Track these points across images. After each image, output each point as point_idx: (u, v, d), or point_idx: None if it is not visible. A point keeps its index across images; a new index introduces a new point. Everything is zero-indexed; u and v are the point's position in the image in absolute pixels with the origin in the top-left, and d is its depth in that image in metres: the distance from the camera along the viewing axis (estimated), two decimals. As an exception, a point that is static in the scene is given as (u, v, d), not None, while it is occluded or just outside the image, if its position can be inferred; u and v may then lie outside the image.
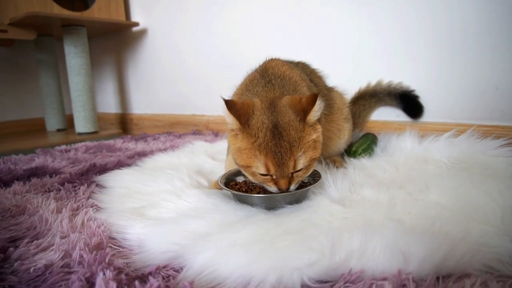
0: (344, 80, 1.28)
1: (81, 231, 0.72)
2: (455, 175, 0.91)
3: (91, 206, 0.87)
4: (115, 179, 1.05)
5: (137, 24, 2.27)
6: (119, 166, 1.25)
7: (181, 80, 2.17)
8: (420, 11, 1.30)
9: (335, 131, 1.10)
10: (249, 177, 0.79)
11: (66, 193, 0.98)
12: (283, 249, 0.57)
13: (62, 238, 0.69)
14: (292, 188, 0.75)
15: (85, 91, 2.07)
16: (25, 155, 1.57)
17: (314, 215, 0.72)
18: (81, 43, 2.03)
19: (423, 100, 1.34)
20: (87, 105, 2.09)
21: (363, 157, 1.11)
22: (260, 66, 0.97)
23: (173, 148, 1.55)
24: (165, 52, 2.21)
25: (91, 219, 0.78)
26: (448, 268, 0.52)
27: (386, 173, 0.96)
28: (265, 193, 0.77)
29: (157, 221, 0.74)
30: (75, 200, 0.91)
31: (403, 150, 1.14)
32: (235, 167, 0.87)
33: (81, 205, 0.88)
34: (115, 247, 0.68)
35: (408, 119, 1.40)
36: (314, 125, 0.77)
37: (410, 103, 1.36)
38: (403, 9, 1.33)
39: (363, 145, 1.16)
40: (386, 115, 1.45)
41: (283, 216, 0.72)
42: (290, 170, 0.73)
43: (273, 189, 0.75)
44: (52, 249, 0.65)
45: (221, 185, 0.83)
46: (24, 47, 2.52)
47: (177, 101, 2.23)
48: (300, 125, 0.74)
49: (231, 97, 0.94)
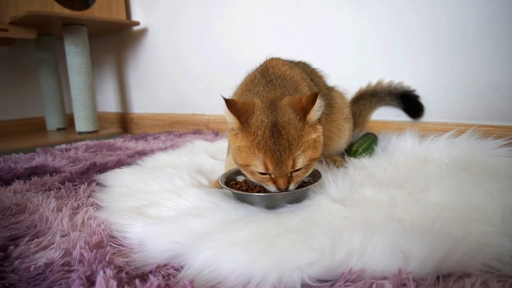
0: (344, 80, 1.28)
1: (81, 229, 0.72)
2: (456, 175, 0.91)
3: (91, 205, 0.87)
4: (116, 178, 1.06)
5: (137, 24, 2.27)
6: (119, 165, 1.25)
7: (181, 79, 2.17)
8: (420, 11, 1.30)
9: (336, 130, 1.09)
10: (248, 176, 0.79)
11: (67, 192, 0.98)
12: (284, 248, 0.57)
13: (62, 236, 0.69)
14: (291, 188, 0.75)
15: (86, 90, 2.07)
16: (26, 154, 1.56)
17: (314, 214, 0.72)
18: (81, 42, 2.03)
19: (423, 100, 1.34)
20: (88, 104, 2.09)
21: (363, 156, 1.11)
22: (261, 65, 0.96)
23: (173, 147, 1.55)
24: (165, 51, 2.21)
25: (91, 217, 0.78)
26: (448, 268, 0.52)
27: (386, 172, 0.96)
28: (265, 192, 0.77)
29: (157, 220, 0.74)
30: (75, 199, 0.91)
31: (404, 150, 1.14)
32: (236, 166, 0.87)
33: (81, 203, 0.88)
34: (116, 245, 0.68)
35: (408, 119, 1.40)
36: (315, 125, 0.77)
37: (410, 103, 1.36)
38: (403, 9, 1.33)
39: (363, 144, 1.17)
40: (387, 115, 1.45)
41: (283, 215, 0.72)
42: (289, 169, 0.72)
43: (272, 188, 0.75)
44: (53, 247, 0.65)
45: (221, 184, 0.83)
46: (24, 46, 2.52)
47: (178, 100, 2.23)
48: (300, 124, 0.73)
49: (231, 96, 0.94)
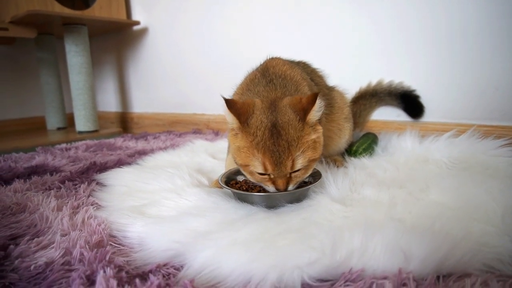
0: (344, 80, 1.28)
1: (81, 229, 0.72)
2: (456, 175, 0.91)
3: (91, 204, 0.87)
4: (116, 177, 1.05)
5: (137, 23, 2.27)
6: (119, 164, 1.25)
7: (181, 79, 2.17)
8: (420, 11, 1.30)
9: (336, 130, 1.09)
10: (248, 177, 0.79)
11: (67, 191, 0.98)
12: (284, 248, 0.57)
13: (62, 236, 0.69)
14: (290, 188, 0.74)
15: (86, 90, 2.07)
16: (26, 153, 1.56)
17: (314, 214, 0.71)
18: (82, 42, 2.03)
19: (424, 100, 1.34)
20: (88, 103, 2.10)
21: (363, 156, 1.11)
22: (261, 65, 0.96)
23: (173, 147, 1.55)
24: (165, 51, 2.21)
25: (91, 217, 0.78)
26: (448, 268, 0.52)
27: (386, 172, 0.96)
28: (265, 192, 0.77)
29: (157, 219, 0.74)
30: (75, 198, 0.91)
31: (404, 149, 1.14)
32: (236, 166, 0.87)
33: (81, 203, 0.88)
34: (116, 245, 0.68)
35: (408, 119, 1.40)
36: (315, 126, 0.76)
37: (410, 103, 1.36)
38: (403, 9, 1.33)
39: (363, 144, 1.17)
40: (387, 114, 1.45)
41: (283, 215, 0.72)
42: (288, 170, 0.72)
43: (271, 188, 0.75)
44: (53, 246, 0.65)
45: (221, 183, 0.83)
46: (25, 46, 2.52)
47: (178, 100, 2.23)
48: (299, 124, 0.73)
49: (231, 96, 0.93)
